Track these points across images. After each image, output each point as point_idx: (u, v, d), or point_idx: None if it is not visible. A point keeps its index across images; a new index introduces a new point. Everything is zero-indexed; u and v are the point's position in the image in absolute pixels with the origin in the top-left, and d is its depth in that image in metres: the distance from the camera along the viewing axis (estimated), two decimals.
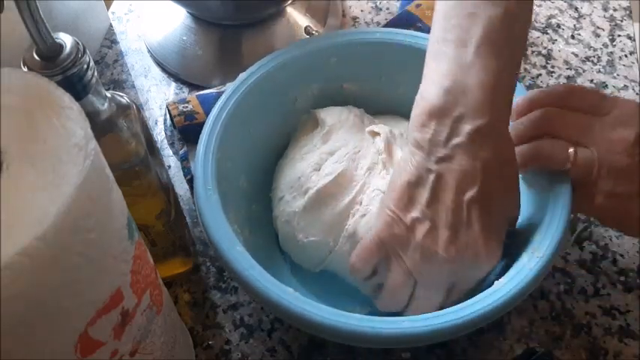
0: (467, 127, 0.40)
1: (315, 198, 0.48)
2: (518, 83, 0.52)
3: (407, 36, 0.54)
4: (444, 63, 0.41)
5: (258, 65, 0.52)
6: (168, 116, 0.62)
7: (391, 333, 0.38)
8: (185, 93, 0.66)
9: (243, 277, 0.41)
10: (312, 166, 0.49)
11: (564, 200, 0.43)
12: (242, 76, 0.52)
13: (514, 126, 0.45)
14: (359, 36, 0.55)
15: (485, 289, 0.41)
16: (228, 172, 0.48)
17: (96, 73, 0.36)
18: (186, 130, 0.58)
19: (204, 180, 0.45)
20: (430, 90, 0.41)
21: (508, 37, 0.41)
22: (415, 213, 0.41)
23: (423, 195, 0.41)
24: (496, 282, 0.41)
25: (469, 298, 0.40)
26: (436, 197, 0.40)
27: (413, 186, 0.41)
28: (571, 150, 0.43)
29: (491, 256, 0.41)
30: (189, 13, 0.68)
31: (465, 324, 0.39)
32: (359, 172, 0.49)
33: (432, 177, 0.41)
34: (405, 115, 0.55)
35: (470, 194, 0.40)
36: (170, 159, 0.60)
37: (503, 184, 0.41)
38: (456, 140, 0.40)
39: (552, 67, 0.67)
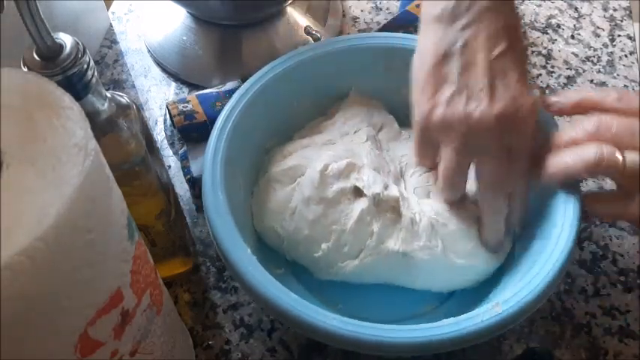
0: None
1: (263, 185, 0.50)
2: None
3: None
4: None
5: (295, 57, 0.53)
6: (168, 116, 0.62)
7: (395, 342, 0.39)
8: (185, 93, 0.66)
9: (255, 287, 0.41)
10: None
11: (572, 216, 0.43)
12: (263, 71, 0.52)
13: (565, 131, 0.43)
14: (413, 43, 0.53)
15: None
16: (236, 182, 0.49)
17: (96, 73, 0.36)
18: (186, 130, 0.58)
19: (214, 189, 0.45)
20: None
21: None
22: (449, 89, 0.41)
23: (454, 67, 0.41)
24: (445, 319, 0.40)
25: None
26: (467, 63, 0.41)
27: (440, 65, 0.42)
28: (619, 155, 0.39)
29: (529, 99, 0.41)
30: (189, 13, 0.68)
31: (464, 337, 0.39)
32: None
33: (459, 45, 0.41)
34: None
35: (500, 49, 0.41)
36: (170, 159, 0.60)
37: (522, 49, 0.42)
38: (481, 4, 0.41)
39: (552, 67, 0.67)
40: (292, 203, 0.48)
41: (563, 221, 0.43)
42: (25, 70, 0.33)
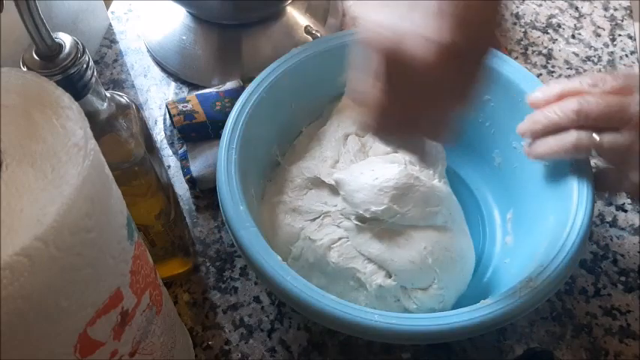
0: None
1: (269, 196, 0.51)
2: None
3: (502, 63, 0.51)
4: None
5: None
6: (167, 116, 0.62)
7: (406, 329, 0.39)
8: (185, 92, 0.66)
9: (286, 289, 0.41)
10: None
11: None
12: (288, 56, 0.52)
13: (548, 115, 0.45)
14: None
15: None
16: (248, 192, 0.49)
17: (95, 73, 0.36)
18: (186, 130, 0.58)
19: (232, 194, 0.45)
20: None
21: None
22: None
23: None
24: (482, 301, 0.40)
25: None
26: None
27: None
28: (596, 137, 0.43)
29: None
30: (189, 13, 0.68)
31: (470, 327, 0.39)
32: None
33: None
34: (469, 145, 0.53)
35: None
36: (170, 159, 0.60)
37: None
38: None
39: (553, 66, 0.67)
40: (296, 249, 0.48)
41: (577, 206, 0.44)
42: (25, 69, 0.33)
